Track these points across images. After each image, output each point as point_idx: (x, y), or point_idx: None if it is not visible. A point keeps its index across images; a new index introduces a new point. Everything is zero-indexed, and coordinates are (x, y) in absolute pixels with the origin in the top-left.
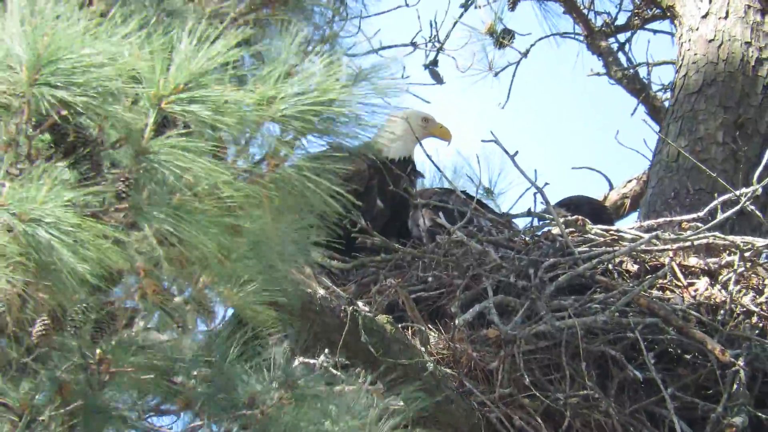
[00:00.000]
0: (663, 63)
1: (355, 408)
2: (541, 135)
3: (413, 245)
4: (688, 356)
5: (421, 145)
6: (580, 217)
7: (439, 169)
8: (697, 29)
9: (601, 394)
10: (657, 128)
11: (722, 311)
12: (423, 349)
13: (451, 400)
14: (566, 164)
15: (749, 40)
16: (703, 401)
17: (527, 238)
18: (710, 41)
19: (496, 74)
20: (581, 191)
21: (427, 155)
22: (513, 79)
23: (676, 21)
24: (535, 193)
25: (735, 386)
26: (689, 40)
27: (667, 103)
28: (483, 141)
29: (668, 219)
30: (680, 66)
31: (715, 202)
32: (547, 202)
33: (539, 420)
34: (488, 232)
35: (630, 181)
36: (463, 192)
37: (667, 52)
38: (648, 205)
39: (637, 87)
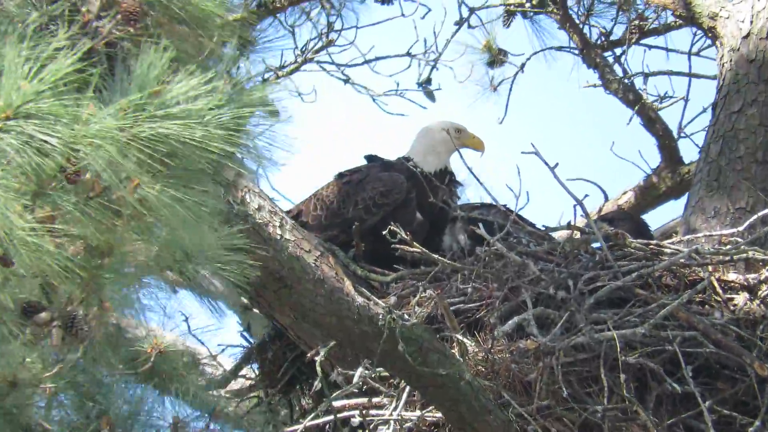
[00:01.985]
0: (658, 73)
1: None
2: (536, 146)
3: (453, 257)
4: (726, 370)
5: (460, 155)
6: (619, 231)
7: (479, 181)
8: (738, 49)
9: (639, 407)
10: (653, 140)
11: (761, 326)
12: (461, 359)
13: (488, 410)
14: (562, 175)
15: None
16: (741, 415)
17: (567, 251)
18: (751, 62)
19: (495, 89)
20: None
21: (468, 167)
22: (510, 93)
23: (717, 42)
24: (575, 206)
25: None
26: (730, 60)
27: (661, 114)
28: (523, 153)
29: (708, 234)
30: (721, 86)
31: (754, 217)
32: (587, 215)
33: None
34: (527, 245)
35: (625, 192)
36: (504, 206)
37: (662, 64)
38: (688, 223)
39: (632, 98)
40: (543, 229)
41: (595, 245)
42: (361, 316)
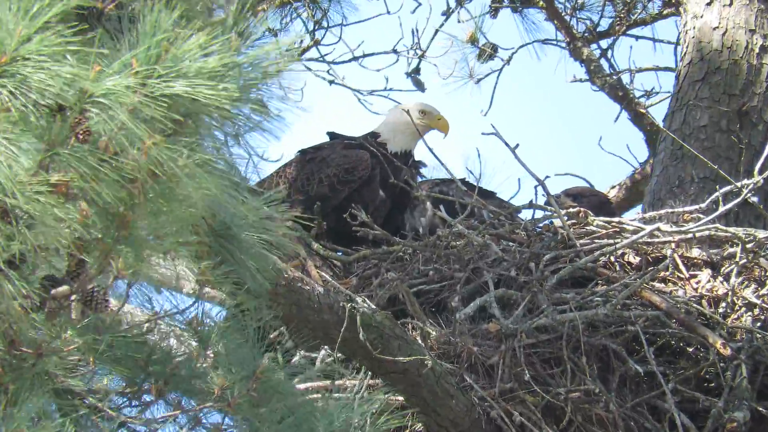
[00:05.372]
0: (645, 70)
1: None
2: (524, 141)
3: (414, 237)
4: (690, 349)
5: (422, 138)
6: (582, 209)
7: (440, 161)
8: (701, 17)
9: (602, 389)
10: (641, 134)
11: (724, 304)
12: (423, 344)
13: (451, 395)
14: (549, 170)
15: (753, 28)
16: (704, 395)
17: (529, 230)
18: (714, 29)
19: (478, 81)
20: None
21: (429, 147)
22: (495, 86)
23: (680, 8)
24: (536, 186)
25: (737, 380)
26: (694, 27)
27: (650, 109)
28: (483, 134)
29: (670, 210)
30: (684, 54)
31: (716, 194)
32: (548, 195)
33: (540, 415)
34: (490, 224)
35: (613, 187)
36: (463, 181)
37: (649, 59)
38: (653, 193)
39: (620, 94)
40: (506, 202)
41: (557, 223)
42: (322, 305)
